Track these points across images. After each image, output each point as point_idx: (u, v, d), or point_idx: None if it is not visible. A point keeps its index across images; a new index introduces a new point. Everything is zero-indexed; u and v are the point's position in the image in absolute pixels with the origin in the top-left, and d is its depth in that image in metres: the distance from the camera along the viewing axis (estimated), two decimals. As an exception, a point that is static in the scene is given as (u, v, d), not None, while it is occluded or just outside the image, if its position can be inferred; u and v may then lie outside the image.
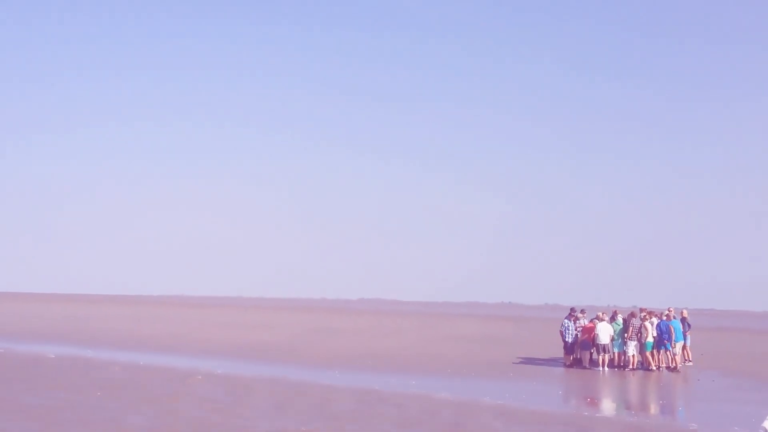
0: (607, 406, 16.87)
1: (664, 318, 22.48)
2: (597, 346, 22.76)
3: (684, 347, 23.49)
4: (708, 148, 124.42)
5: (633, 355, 22.40)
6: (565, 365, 23.34)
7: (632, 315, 22.72)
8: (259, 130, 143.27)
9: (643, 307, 23.46)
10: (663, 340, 22.12)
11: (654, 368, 22.09)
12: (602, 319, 22.87)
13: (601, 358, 22.61)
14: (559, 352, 24.18)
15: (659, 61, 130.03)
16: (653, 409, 16.42)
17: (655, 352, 22.33)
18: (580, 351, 23.32)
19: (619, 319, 22.85)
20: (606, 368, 22.37)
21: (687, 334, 23.57)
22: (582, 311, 24.21)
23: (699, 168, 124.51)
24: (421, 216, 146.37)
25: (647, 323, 22.22)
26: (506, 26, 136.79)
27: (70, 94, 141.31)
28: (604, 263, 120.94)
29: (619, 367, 22.56)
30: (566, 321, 23.42)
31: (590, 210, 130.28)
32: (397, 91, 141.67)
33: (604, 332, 22.51)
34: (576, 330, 23.28)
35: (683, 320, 23.57)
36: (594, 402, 17.35)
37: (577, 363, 23.21)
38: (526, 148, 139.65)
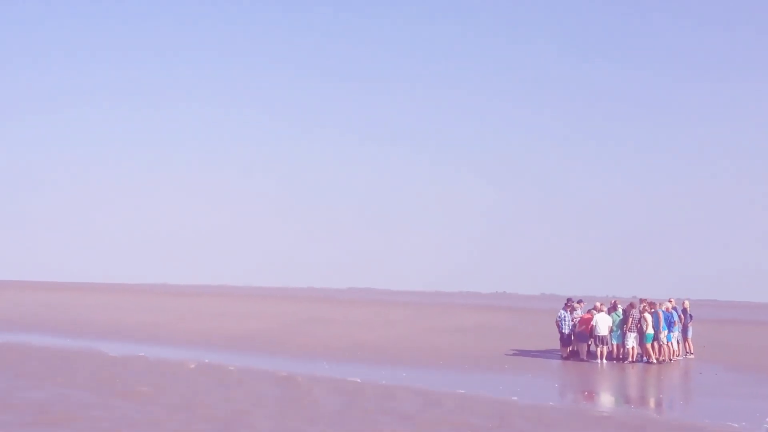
0: (606, 400, 16.19)
1: (663, 309, 21.85)
2: (595, 337, 22.07)
3: (686, 339, 22.95)
4: (710, 136, 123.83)
5: (632, 347, 21.70)
6: (561, 357, 22.67)
7: (631, 306, 22.04)
8: (248, 116, 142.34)
9: (643, 297, 22.73)
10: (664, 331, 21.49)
11: (654, 361, 21.40)
12: (600, 310, 22.19)
13: (599, 350, 21.92)
14: (556, 344, 23.49)
15: (661, 45, 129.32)
16: (654, 403, 15.77)
17: (655, 344, 21.64)
18: (577, 343, 22.64)
19: (620, 310, 22.15)
20: (604, 361, 21.68)
21: (689, 325, 23.04)
22: (579, 302, 23.53)
23: (701, 156, 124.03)
24: (413, 203, 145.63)
25: (647, 314, 21.55)
26: (499, 9, 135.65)
27: (52, 77, 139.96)
28: (603, 252, 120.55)
29: (617, 359, 21.86)
30: (562, 312, 22.75)
31: (589, 198, 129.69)
32: (388, 76, 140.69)
33: (603, 323, 21.82)
34: (573, 321, 22.60)
35: (684, 311, 23.00)
36: (592, 395, 16.71)
37: (574, 355, 22.54)
38: (522, 134, 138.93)
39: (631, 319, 21.59)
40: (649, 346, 21.59)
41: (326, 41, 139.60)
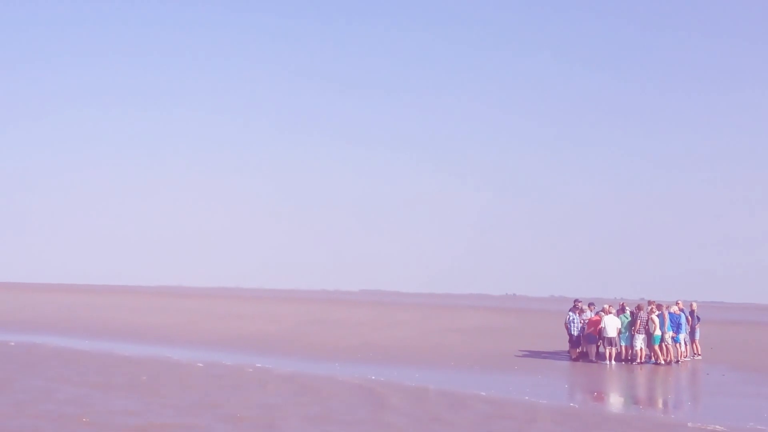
0: (615, 401, 16.45)
1: (671, 311, 22.17)
2: (604, 339, 22.34)
3: (693, 341, 23.21)
4: (718, 138, 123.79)
5: (641, 349, 21.95)
6: (571, 359, 22.93)
7: (638, 308, 22.31)
8: (259, 120, 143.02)
9: (651, 299, 22.99)
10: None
11: (662, 362, 21.66)
12: (608, 312, 22.47)
13: (608, 351, 22.19)
14: (565, 345, 23.76)
15: (649, 53, 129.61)
16: (662, 403, 16.01)
17: (663, 345, 21.90)
18: (586, 344, 22.91)
19: (628, 312, 22.43)
20: (613, 362, 21.94)
21: (696, 327, 23.27)
22: (590, 304, 23.81)
23: (709, 158, 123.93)
24: (423, 206, 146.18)
25: (654, 316, 21.81)
26: (491, 15, 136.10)
27: (57, 79, 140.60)
28: (611, 255, 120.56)
29: (626, 360, 22.13)
30: (571, 314, 23.03)
31: (597, 202, 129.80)
32: (396, 82, 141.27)
33: (611, 325, 22.09)
34: (582, 323, 22.88)
35: (692, 313, 23.24)
36: (601, 396, 16.96)
37: (584, 356, 22.81)
38: (524, 139, 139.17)
39: (639, 321, 21.86)
40: (657, 347, 21.85)
41: (327, 48, 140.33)
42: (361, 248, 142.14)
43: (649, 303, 22.56)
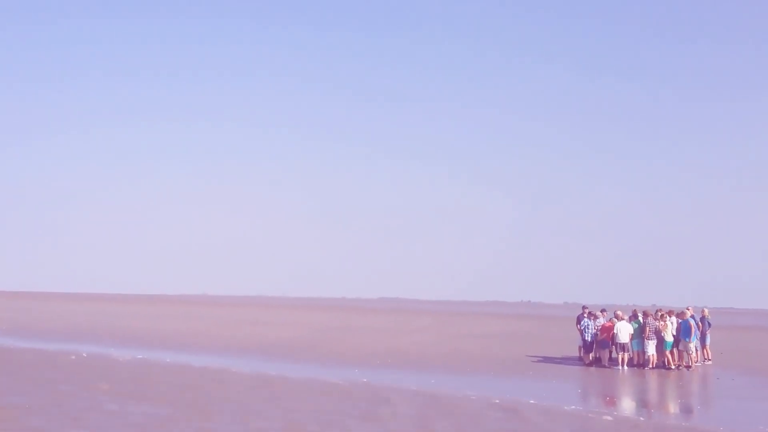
0: (628, 405, 17.03)
1: (683, 318, 22.77)
2: (616, 344, 22.99)
3: (704, 346, 23.76)
4: (725, 146, 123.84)
5: (652, 354, 22.59)
6: (584, 364, 23.58)
7: (645, 314, 22.99)
8: (282, 133, 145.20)
9: (660, 307, 23.63)
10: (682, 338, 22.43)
11: (673, 367, 22.30)
12: (621, 318, 23.11)
13: (620, 356, 22.84)
14: (577, 351, 24.38)
15: (669, 61, 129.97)
16: (674, 408, 16.58)
17: (674, 351, 22.54)
18: (599, 350, 23.56)
19: (640, 318, 23.09)
20: (625, 367, 22.59)
21: (707, 333, 23.80)
22: (602, 310, 24.48)
23: (717, 166, 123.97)
24: (441, 215, 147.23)
25: (666, 322, 22.43)
26: (514, 26, 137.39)
27: (88, 94, 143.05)
28: (624, 262, 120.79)
29: (638, 365, 22.77)
30: (586, 320, 23.68)
31: (610, 210, 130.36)
32: (415, 91, 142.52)
33: (624, 331, 22.75)
34: (595, 329, 23.54)
35: (703, 319, 23.77)
36: (614, 401, 17.55)
37: (597, 362, 23.45)
38: (541, 147, 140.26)
39: (647, 327, 22.51)
40: (668, 353, 22.50)
41: (354, 58, 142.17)
42: (380, 257, 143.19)
43: (658, 310, 23.23)
